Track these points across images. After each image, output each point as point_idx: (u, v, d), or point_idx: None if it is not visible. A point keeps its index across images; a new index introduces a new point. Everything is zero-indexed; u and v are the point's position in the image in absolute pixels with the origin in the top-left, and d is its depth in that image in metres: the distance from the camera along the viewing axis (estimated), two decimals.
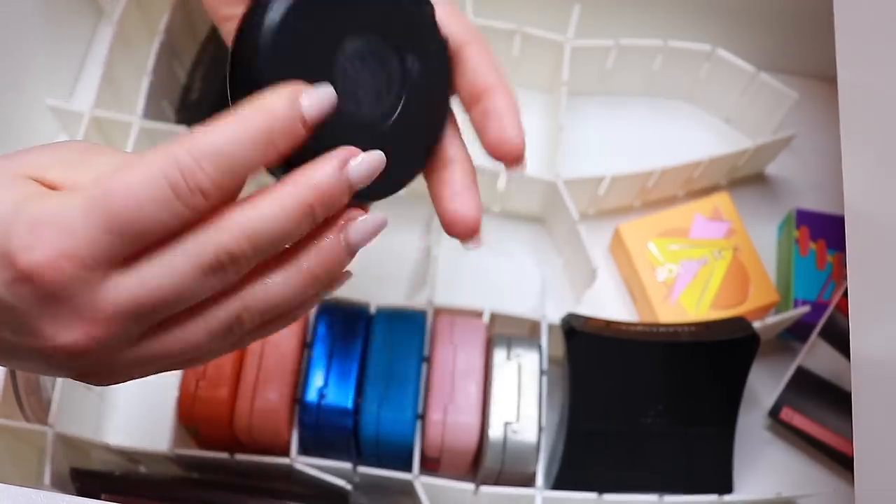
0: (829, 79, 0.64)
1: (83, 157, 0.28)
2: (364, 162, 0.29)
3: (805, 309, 0.54)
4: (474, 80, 0.34)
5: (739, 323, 0.51)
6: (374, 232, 0.30)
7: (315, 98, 0.28)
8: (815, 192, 0.63)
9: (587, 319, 0.52)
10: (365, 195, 0.30)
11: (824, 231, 0.58)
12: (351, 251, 0.30)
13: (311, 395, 0.47)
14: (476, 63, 0.34)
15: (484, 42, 0.35)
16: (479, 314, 0.52)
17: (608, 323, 0.52)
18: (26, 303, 0.26)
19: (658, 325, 0.53)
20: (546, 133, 0.64)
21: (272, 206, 0.27)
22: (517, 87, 0.65)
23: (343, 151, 0.28)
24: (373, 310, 0.51)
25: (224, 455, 0.47)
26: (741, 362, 0.51)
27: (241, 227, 0.27)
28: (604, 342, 0.50)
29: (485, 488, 0.48)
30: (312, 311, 0.50)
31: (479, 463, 0.49)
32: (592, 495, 0.49)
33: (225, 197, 0.27)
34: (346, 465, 0.48)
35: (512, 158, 0.34)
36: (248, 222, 0.27)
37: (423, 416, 0.48)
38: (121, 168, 0.26)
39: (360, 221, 0.29)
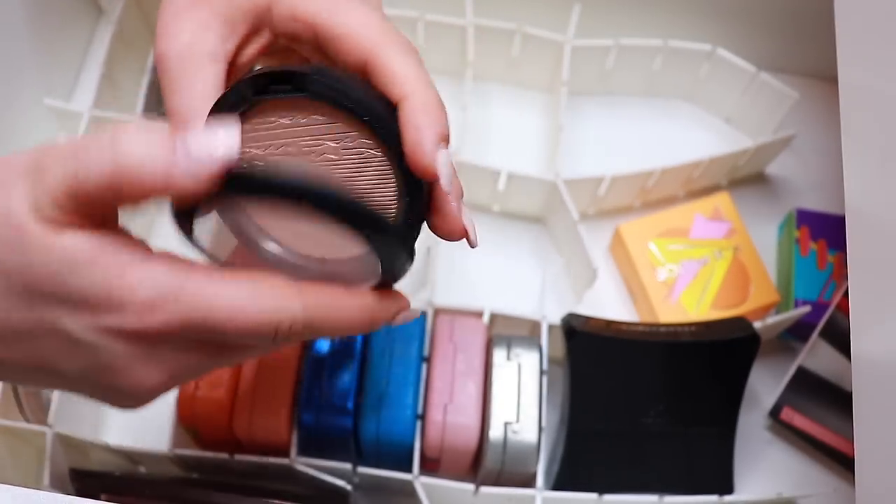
0: (829, 79, 0.64)
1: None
2: (408, 315, 0.33)
3: (806, 309, 0.54)
4: (391, 88, 0.30)
5: (740, 323, 0.51)
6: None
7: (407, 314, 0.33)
8: (816, 191, 0.63)
9: (587, 319, 0.52)
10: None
11: (825, 231, 0.58)
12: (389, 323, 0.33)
13: (311, 396, 0.47)
14: (388, 68, 0.31)
15: (398, 43, 0.31)
16: (479, 314, 0.52)
17: (608, 323, 0.52)
18: (127, 353, 0.28)
19: (658, 325, 0.53)
20: (546, 133, 0.64)
21: (341, 315, 0.30)
22: (517, 87, 0.66)
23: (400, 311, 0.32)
24: None
25: (224, 455, 0.47)
26: (742, 362, 0.51)
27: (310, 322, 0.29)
28: (604, 342, 0.50)
29: (485, 489, 0.48)
30: None
31: (479, 463, 0.49)
32: (593, 496, 0.49)
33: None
34: (346, 466, 0.48)
35: (427, 173, 0.30)
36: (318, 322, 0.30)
37: (423, 417, 0.48)
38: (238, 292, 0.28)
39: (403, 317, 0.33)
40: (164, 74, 0.34)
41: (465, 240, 0.32)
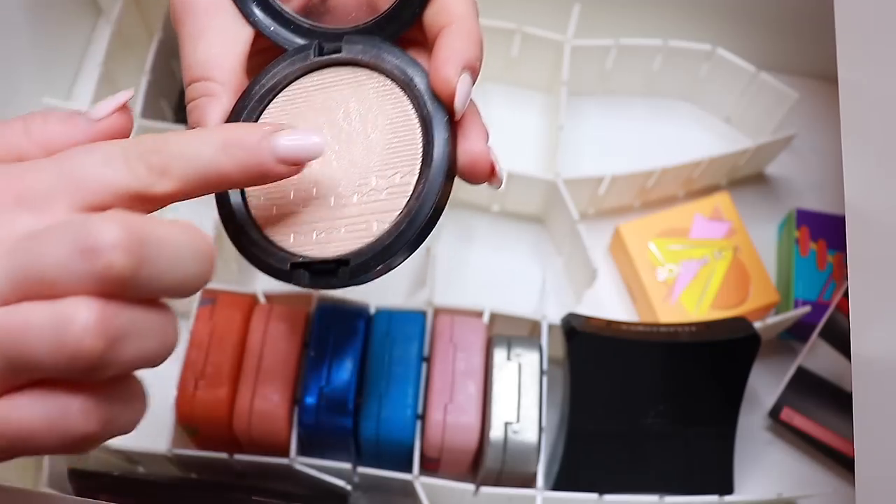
0: (829, 79, 0.64)
1: None
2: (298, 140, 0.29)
3: (805, 309, 0.54)
4: (436, 17, 0.33)
5: (740, 323, 0.51)
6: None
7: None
8: (816, 192, 0.63)
9: (587, 319, 0.52)
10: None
11: (825, 231, 0.58)
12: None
13: (311, 396, 0.47)
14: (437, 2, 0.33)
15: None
16: (479, 314, 0.52)
17: (608, 323, 0.52)
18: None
19: (658, 325, 0.53)
20: (546, 133, 0.63)
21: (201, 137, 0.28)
22: (517, 87, 0.66)
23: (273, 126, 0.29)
24: (372, 310, 0.51)
25: (223, 455, 0.47)
26: (742, 362, 0.51)
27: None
28: (604, 342, 0.50)
29: (485, 489, 0.48)
30: (312, 311, 0.50)
31: (479, 463, 0.49)
32: (593, 496, 0.49)
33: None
34: (346, 466, 0.48)
35: (444, 89, 0.32)
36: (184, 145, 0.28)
37: (423, 416, 0.48)
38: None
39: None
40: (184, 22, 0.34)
41: (490, 182, 0.33)
